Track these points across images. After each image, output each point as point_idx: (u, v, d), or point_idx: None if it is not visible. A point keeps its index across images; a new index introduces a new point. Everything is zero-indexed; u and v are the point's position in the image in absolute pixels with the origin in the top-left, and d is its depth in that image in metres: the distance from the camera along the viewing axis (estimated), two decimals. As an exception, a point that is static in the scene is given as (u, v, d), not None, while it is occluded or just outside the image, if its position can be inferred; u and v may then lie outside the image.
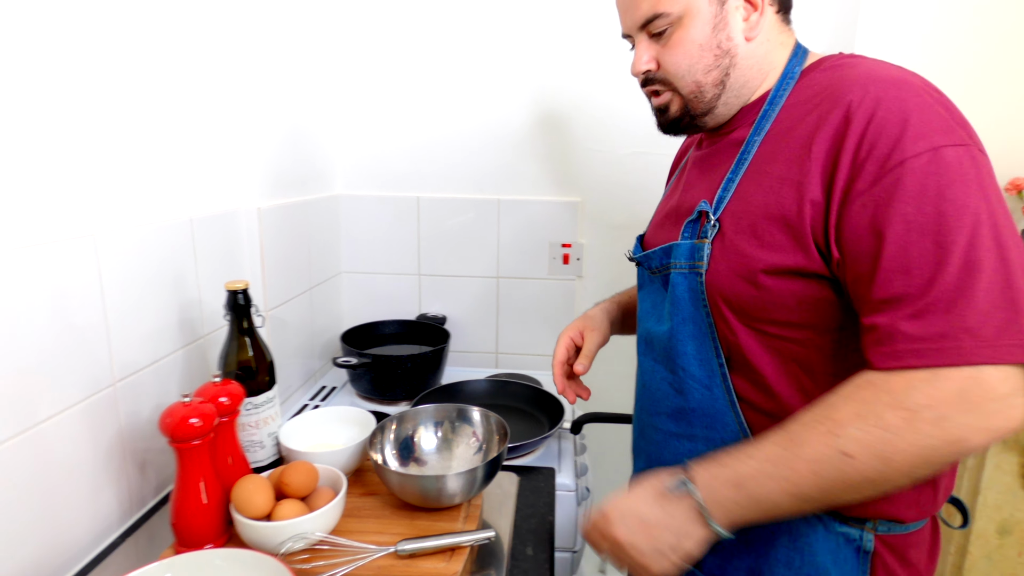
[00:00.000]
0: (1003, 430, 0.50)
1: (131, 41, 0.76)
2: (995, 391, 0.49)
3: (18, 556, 0.63)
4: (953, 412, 0.49)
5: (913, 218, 0.52)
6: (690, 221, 0.70)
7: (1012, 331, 0.49)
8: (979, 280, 0.50)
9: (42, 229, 0.64)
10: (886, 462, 0.51)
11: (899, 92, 0.56)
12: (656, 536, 0.60)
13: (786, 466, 0.55)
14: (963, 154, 0.53)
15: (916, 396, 0.50)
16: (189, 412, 0.67)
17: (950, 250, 0.51)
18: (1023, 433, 1.28)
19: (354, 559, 0.67)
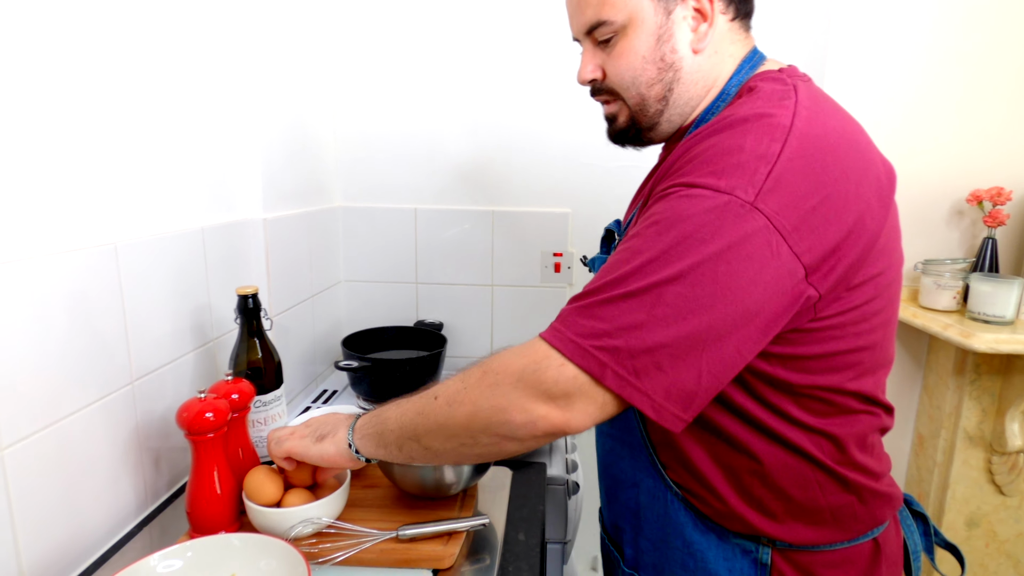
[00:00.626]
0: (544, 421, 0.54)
1: (149, 72, 0.82)
2: (546, 381, 0.53)
3: (45, 541, 0.67)
4: (507, 383, 0.55)
5: (634, 236, 0.56)
6: (603, 238, 0.74)
7: (592, 337, 0.52)
8: (613, 296, 0.53)
9: (68, 238, 0.69)
10: (451, 408, 0.58)
11: (729, 129, 0.56)
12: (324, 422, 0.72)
13: (408, 399, 0.64)
14: (715, 202, 0.52)
15: (495, 360, 0.57)
16: (204, 407, 0.73)
17: (619, 264, 0.54)
18: (988, 430, 1.35)
19: (358, 542, 0.73)
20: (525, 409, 0.54)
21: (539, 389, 0.54)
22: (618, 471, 0.76)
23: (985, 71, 1.33)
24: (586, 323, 0.53)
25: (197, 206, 0.94)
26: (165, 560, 0.63)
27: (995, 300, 1.22)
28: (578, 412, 0.53)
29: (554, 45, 1.40)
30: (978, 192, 1.32)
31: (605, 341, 0.52)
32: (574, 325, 0.54)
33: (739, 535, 0.65)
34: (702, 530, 0.67)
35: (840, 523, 0.63)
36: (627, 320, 0.52)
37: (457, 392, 0.58)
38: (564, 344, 0.53)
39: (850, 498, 0.63)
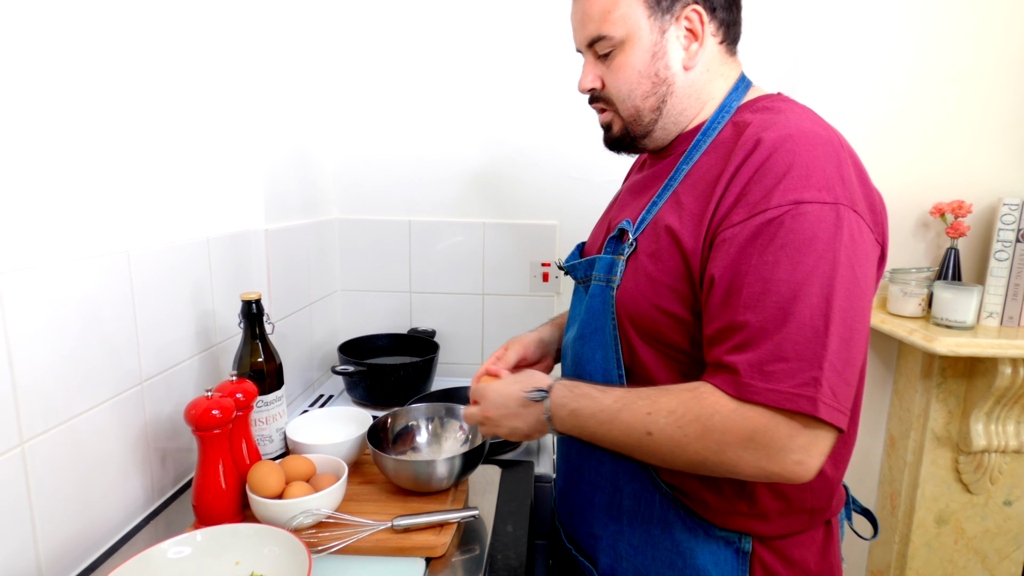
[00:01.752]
0: (776, 476, 0.56)
1: (160, 91, 0.88)
2: (778, 442, 0.55)
3: (61, 531, 0.72)
4: (735, 446, 0.56)
5: (754, 261, 0.57)
6: (612, 237, 0.74)
7: (808, 385, 0.54)
8: (789, 331, 0.54)
9: (84, 246, 0.74)
10: (672, 453, 0.60)
11: (795, 145, 0.59)
12: (514, 422, 0.73)
13: (608, 419, 0.64)
14: (827, 213, 0.56)
15: (716, 420, 0.57)
16: (211, 404, 0.77)
17: (772, 297, 0.56)
18: (955, 431, 1.42)
19: (356, 532, 0.77)
20: (760, 467, 0.56)
21: (772, 449, 0.55)
22: (595, 477, 0.78)
23: (947, 93, 1.42)
24: (777, 367, 0.55)
25: (203, 217, 0.99)
26: (176, 546, 0.67)
27: (956, 306, 1.30)
28: (811, 457, 0.55)
29: (544, 64, 1.48)
30: (940, 205, 1.40)
31: (804, 376, 0.54)
32: (766, 374, 0.55)
33: (724, 529, 0.69)
34: (691, 527, 0.70)
35: (814, 519, 0.70)
36: (811, 351, 0.54)
37: (677, 440, 0.59)
38: (772, 397, 0.54)
39: (830, 502, 0.71)
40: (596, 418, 0.65)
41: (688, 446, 0.59)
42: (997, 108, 1.41)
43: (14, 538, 0.65)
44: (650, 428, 0.61)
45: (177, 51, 0.91)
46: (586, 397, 0.66)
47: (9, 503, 0.64)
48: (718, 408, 0.57)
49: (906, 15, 1.40)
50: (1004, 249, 1.32)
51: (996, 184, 1.43)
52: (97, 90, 0.75)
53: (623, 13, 0.67)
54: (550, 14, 1.45)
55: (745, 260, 0.58)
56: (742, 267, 0.58)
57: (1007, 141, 1.42)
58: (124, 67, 0.80)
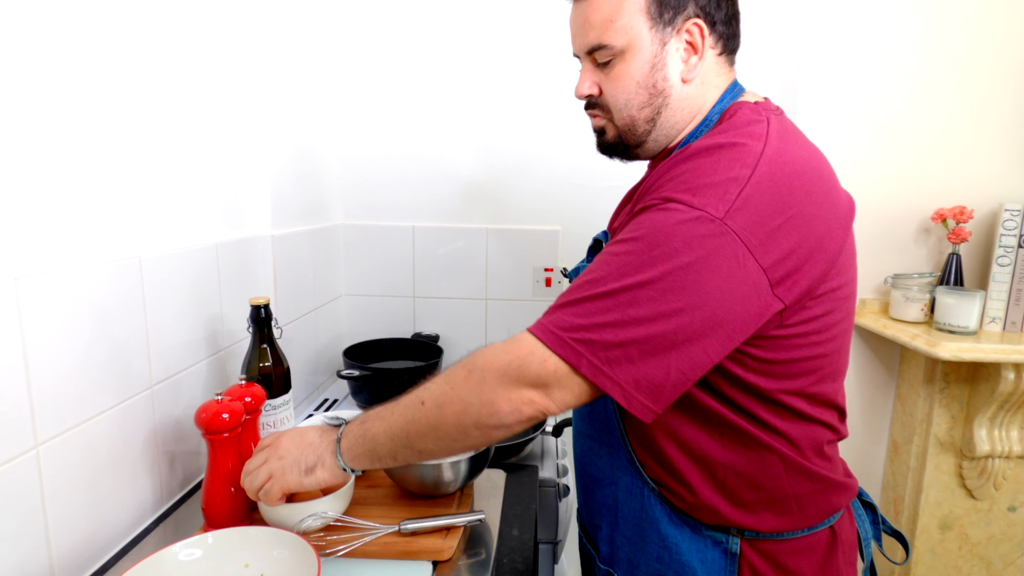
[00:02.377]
0: (528, 406, 0.60)
1: (170, 101, 0.89)
2: (529, 373, 0.59)
3: (72, 533, 0.72)
4: (493, 378, 0.60)
5: (613, 243, 0.62)
6: (590, 247, 0.78)
7: (572, 330, 0.58)
8: (594, 295, 0.59)
9: (97, 252, 0.75)
10: (440, 409, 0.63)
11: (706, 152, 0.62)
12: (303, 452, 0.72)
13: (390, 411, 0.67)
14: (687, 215, 0.58)
15: (478, 359, 0.62)
16: (221, 408, 0.78)
17: (600, 267, 0.60)
18: (958, 436, 1.42)
19: (363, 535, 0.78)
20: (510, 399, 0.60)
21: (523, 380, 0.60)
22: (596, 470, 0.80)
23: (948, 99, 1.43)
24: (567, 318, 0.60)
25: (212, 223, 1.00)
26: (187, 549, 0.68)
27: (959, 312, 1.30)
28: (556, 399, 0.61)
29: (546, 71, 1.49)
30: (942, 211, 1.41)
31: (582, 334, 0.58)
32: (557, 320, 0.60)
33: (711, 527, 0.69)
34: (677, 524, 0.71)
35: (803, 510, 0.69)
36: (603, 318, 0.58)
37: (444, 394, 0.63)
38: (546, 336, 0.60)
39: (813, 487, 0.69)
40: (379, 415, 0.68)
41: (453, 395, 0.62)
42: (997, 114, 1.42)
43: (28, 540, 0.66)
44: (423, 396, 0.65)
45: (186, 62, 0.93)
46: (377, 409, 0.69)
47: (24, 505, 0.65)
48: (484, 351, 0.62)
49: (906, 22, 1.41)
50: (1006, 255, 1.33)
51: (997, 190, 1.44)
52: (110, 101, 0.77)
53: (625, 23, 0.67)
54: (552, 21, 1.47)
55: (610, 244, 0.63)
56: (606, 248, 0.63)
57: (1008, 146, 1.43)
58: (136, 78, 0.81)
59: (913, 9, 1.40)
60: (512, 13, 1.47)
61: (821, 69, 1.45)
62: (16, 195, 0.64)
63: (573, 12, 0.73)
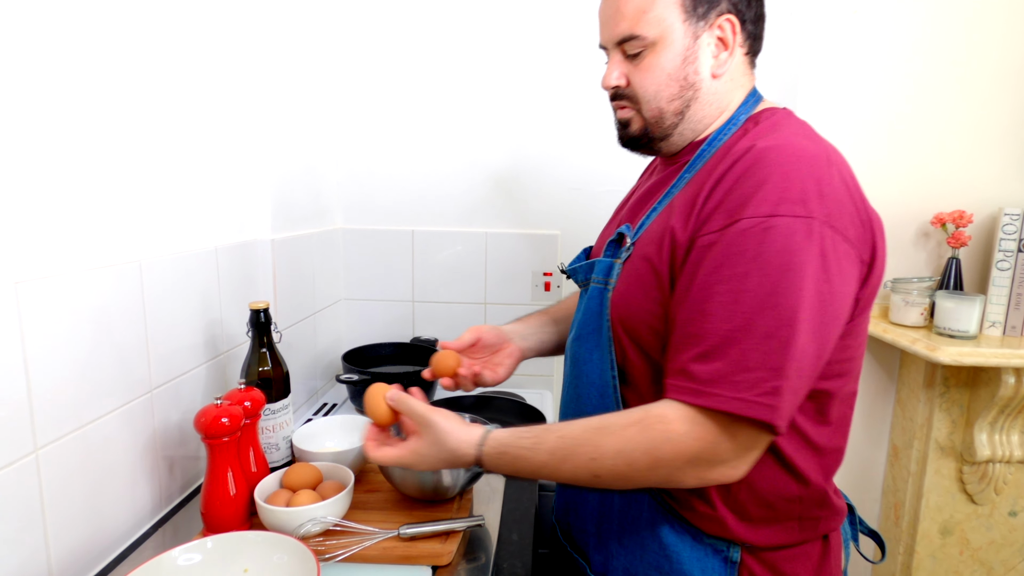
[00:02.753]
0: (711, 482, 0.61)
1: (172, 107, 0.90)
2: (721, 454, 0.58)
3: (71, 537, 0.72)
4: (682, 466, 0.59)
5: (724, 272, 0.58)
6: (612, 241, 0.74)
7: (752, 387, 0.55)
8: (754, 341, 0.56)
9: (98, 255, 0.75)
10: (622, 485, 0.63)
11: (778, 156, 0.60)
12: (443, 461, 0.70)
13: (550, 473, 0.64)
14: (798, 226, 0.56)
15: (666, 449, 0.58)
16: (221, 412, 0.78)
17: (740, 307, 0.56)
18: (959, 441, 1.42)
19: (362, 540, 0.78)
20: (701, 478, 0.60)
21: (715, 461, 0.59)
22: None
23: (946, 103, 1.44)
24: (741, 376, 0.56)
25: (212, 227, 1.01)
26: (186, 553, 0.67)
27: (959, 316, 1.30)
28: (748, 461, 0.60)
29: (545, 76, 1.50)
30: (941, 215, 1.41)
31: (766, 386, 0.55)
32: (730, 383, 0.56)
33: (712, 536, 0.69)
34: (678, 532, 0.70)
35: (804, 529, 0.70)
36: (774, 360, 0.55)
37: (626, 475, 0.61)
38: (734, 405, 0.56)
39: (820, 512, 0.70)
40: (538, 474, 0.65)
41: (636, 478, 0.61)
42: (996, 117, 1.43)
43: (27, 544, 0.66)
44: (597, 472, 0.61)
45: (187, 67, 0.93)
46: (522, 460, 0.65)
47: (23, 509, 0.65)
48: (669, 436, 0.58)
49: (905, 26, 1.42)
50: (1006, 259, 1.33)
51: (996, 194, 1.44)
52: (111, 106, 0.77)
53: (659, 14, 0.67)
54: (553, 26, 1.47)
55: (715, 270, 0.59)
56: (712, 276, 0.59)
57: (1007, 151, 1.44)
58: (137, 83, 0.82)
59: (912, 13, 1.41)
60: (511, 18, 1.48)
61: (820, 73, 1.45)
62: (17, 199, 0.64)
63: (604, 2, 0.72)
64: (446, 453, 0.68)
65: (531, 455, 0.64)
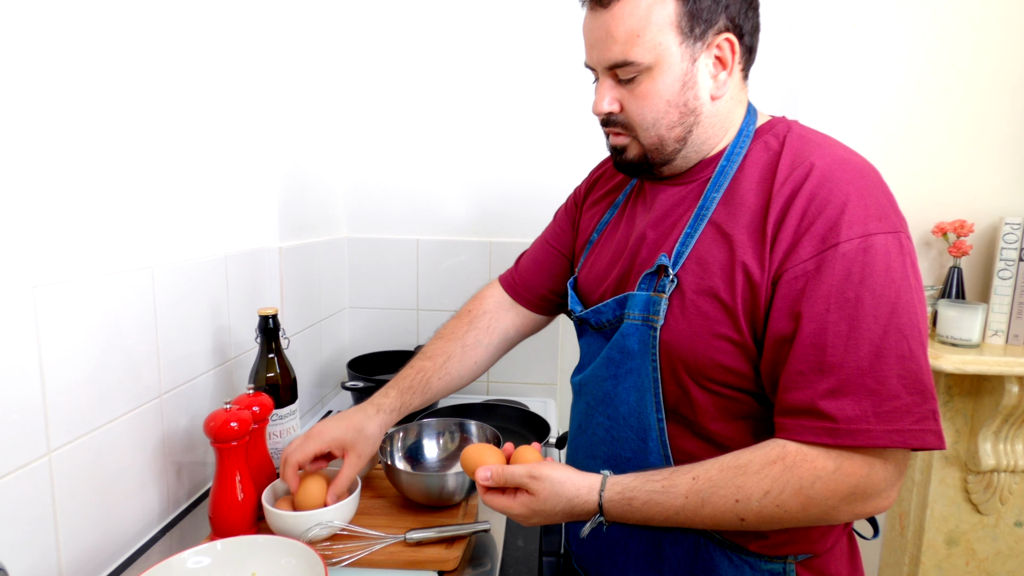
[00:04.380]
0: (870, 515, 0.59)
1: (183, 118, 0.92)
2: (876, 486, 0.56)
3: (81, 542, 0.73)
4: (836, 504, 0.56)
5: (834, 299, 0.56)
6: (649, 273, 0.68)
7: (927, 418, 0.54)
8: (889, 366, 0.54)
9: (112, 261, 0.77)
10: (770, 526, 0.59)
11: (845, 175, 0.59)
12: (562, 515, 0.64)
13: (687, 519, 0.59)
14: (891, 242, 0.57)
15: (817, 487, 0.55)
16: (230, 417, 0.79)
17: (864, 334, 0.54)
18: (963, 450, 1.42)
19: (369, 545, 0.78)
20: (855, 512, 0.58)
21: (869, 494, 0.56)
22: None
23: (946, 113, 1.45)
24: (887, 404, 0.54)
25: (221, 235, 1.02)
26: (196, 556, 0.68)
27: (961, 324, 1.31)
28: (897, 488, 0.58)
29: (550, 85, 1.52)
30: (942, 225, 1.42)
31: (914, 411, 0.54)
32: (879, 415, 0.54)
33: (771, 560, 0.66)
34: (737, 564, 0.67)
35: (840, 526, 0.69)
36: (905, 382, 0.54)
37: (777, 517, 0.57)
38: (888, 438, 0.54)
39: None
40: (672, 520, 0.60)
41: (789, 519, 0.57)
42: (996, 127, 1.44)
43: (39, 547, 0.66)
44: (742, 515, 0.58)
45: (197, 79, 0.95)
46: (653, 504, 0.60)
47: (36, 512, 0.66)
48: (818, 474, 0.55)
49: (904, 39, 1.44)
50: (1007, 268, 1.34)
51: (997, 203, 1.45)
52: (125, 116, 0.79)
53: (653, 38, 0.62)
54: (559, 38, 1.49)
55: (824, 298, 0.56)
56: (821, 306, 0.56)
57: (1007, 160, 1.45)
58: (150, 96, 0.84)
59: (911, 26, 1.43)
60: (517, 30, 1.50)
61: (820, 86, 1.47)
62: (35, 206, 0.65)
63: (590, 21, 0.66)
64: (564, 502, 0.62)
65: (664, 499, 0.59)
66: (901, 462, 0.57)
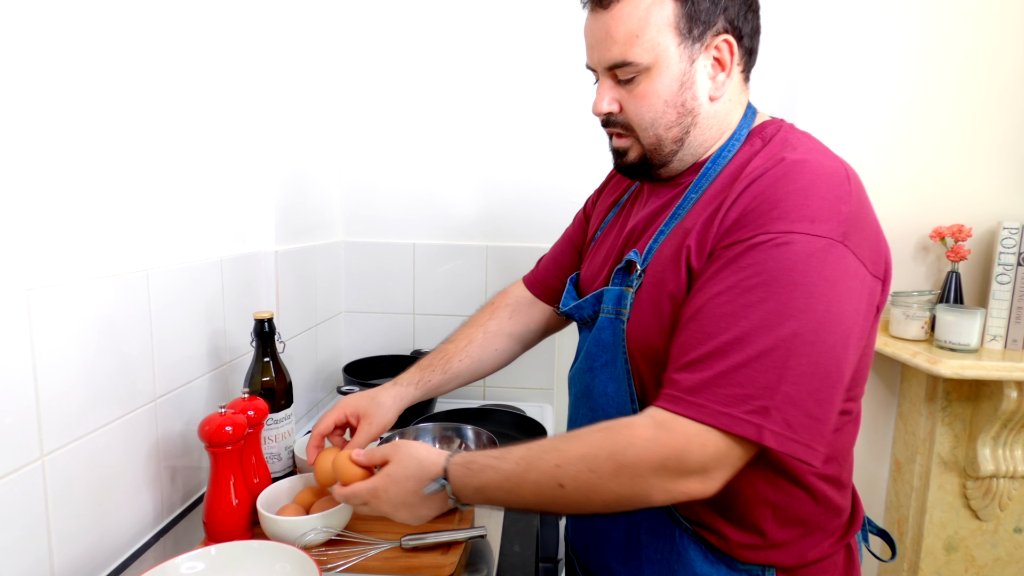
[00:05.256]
0: (684, 495, 0.56)
1: (178, 121, 0.91)
2: (690, 463, 0.54)
3: (74, 547, 0.72)
4: (647, 473, 0.55)
5: (730, 284, 0.57)
6: (620, 268, 0.71)
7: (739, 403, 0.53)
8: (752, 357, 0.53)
9: (107, 264, 0.76)
10: (587, 497, 0.58)
11: (798, 174, 0.58)
12: (419, 511, 0.68)
13: (515, 484, 0.61)
14: (815, 246, 0.55)
15: (630, 453, 0.56)
16: (224, 421, 0.79)
17: (740, 322, 0.55)
18: (962, 455, 1.42)
19: (365, 550, 0.78)
20: (668, 490, 0.56)
21: (682, 471, 0.55)
22: None
23: (944, 117, 1.46)
24: (727, 390, 0.54)
25: (217, 238, 1.02)
26: (190, 561, 0.67)
27: (959, 329, 1.31)
28: (717, 479, 0.56)
29: (547, 91, 1.52)
30: (940, 229, 1.42)
31: (754, 403, 0.53)
32: (715, 396, 0.54)
33: (747, 563, 0.67)
34: (712, 562, 0.67)
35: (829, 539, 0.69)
36: (767, 380, 0.53)
37: (590, 483, 0.57)
38: (713, 417, 0.54)
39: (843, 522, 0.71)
40: (503, 487, 0.62)
41: (602, 487, 0.57)
42: (994, 132, 1.45)
43: (31, 552, 0.66)
44: (561, 480, 0.58)
45: (193, 82, 0.95)
46: (488, 469, 0.63)
47: (28, 516, 0.65)
48: (634, 440, 0.56)
49: (901, 42, 1.44)
50: (1005, 272, 1.34)
51: (995, 208, 1.45)
52: (120, 117, 0.79)
53: (652, 38, 0.63)
54: (556, 43, 1.50)
55: (720, 281, 0.58)
56: (715, 287, 0.58)
57: (1005, 164, 1.45)
58: (146, 98, 0.84)
59: (908, 29, 1.43)
60: (514, 35, 1.50)
61: (818, 90, 1.48)
62: (29, 208, 0.65)
63: (591, 23, 0.67)
64: (415, 464, 0.66)
65: (498, 464, 0.62)
66: (725, 453, 0.55)
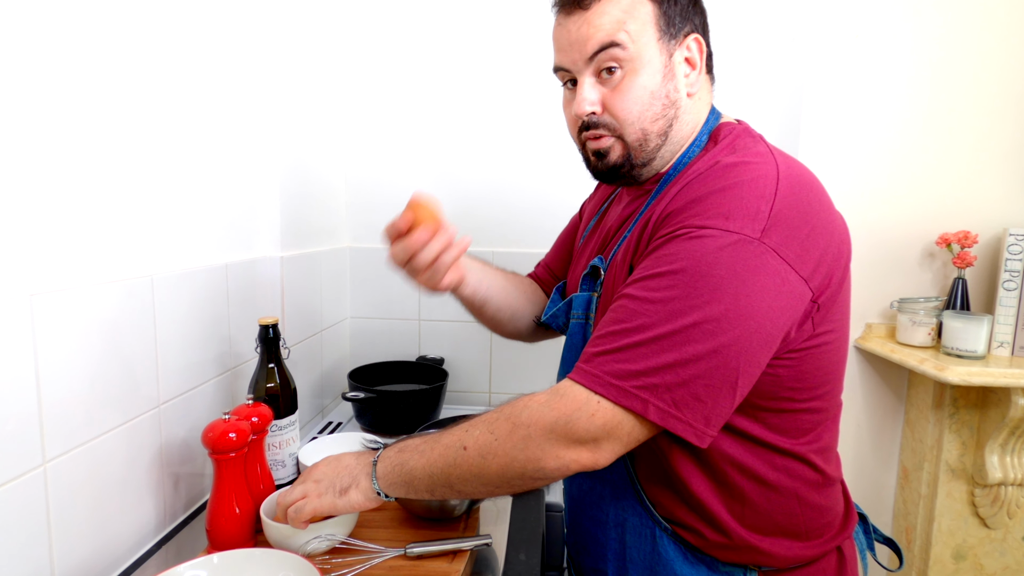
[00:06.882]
0: (575, 464, 0.59)
1: (184, 126, 0.91)
2: (578, 431, 0.57)
3: (76, 555, 0.71)
4: (539, 435, 0.59)
5: (645, 277, 0.59)
6: (586, 275, 0.74)
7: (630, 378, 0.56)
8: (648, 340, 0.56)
9: (111, 269, 0.76)
10: (483, 459, 0.61)
11: (733, 172, 0.60)
12: (339, 474, 0.72)
13: (430, 447, 0.65)
14: (728, 242, 0.56)
15: (524, 415, 0.60)
16: (228, 427, 0.78)
17: (647, 307, 0.57)
18: (970, 463, 1.40)
19: (369, 559, 0.77)
20: (558, 457, 0.59)
21: (571, 438, 0.58)
22: (598, 512, 0.78)
23: (950, 124, 1.45)
24: (620, 366, 0.57)
25: (222, 244, 1.02)
26: (192, 570, 0.67)
27: (966, 336, 1.30)
28: (606, 451, 0.59)
29: (550, 99, 1.52)
30: (946, 235, 1.42)
31: (643, 380, 0.56)
32: (608, 369, 0.57)
33: (728, 563, 0.68)
34: (692, 562, 0.69)
35: (811, 540, 0.69)
36: (661, 359, 0.56)
37: (488, 445, 0.61)
38: (601, 387, 0.57)
39: (822, 523, 0.69)
40: (418, 449, 0.66)
41: (498, 448, 0.61)
42: (1000, 138, 1.44)
43: (32, 559, 0.65)
44: (465, 442, 0.63)
45: (199, 87, 0.95)
46: (410, 448, 0.68)
47: (30, 523, 0.65)
48: (530, 403, 0.61)
49: (907, 50, 1.44)
50: (1012, 279, 1.33)
51: (1001, 214, 1.45)
52: (125, 122, 0.79)
53: (637, 29, 0.65)
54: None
55: (641, 271, 0.61)
56: (636, 275, 0.61)
57: (1011, 171, 1.45)
58: (151, 104, 0.84)
59: (913, 37, 1.43)
60: (519, 41, 1.51)
61: (823, 97, 1.47)
62: (33, 212, 0.65)
63: (567, 24, 0.67)
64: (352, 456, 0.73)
65: (421, 443, 0.67)
66: (613, 426, 0.58)
